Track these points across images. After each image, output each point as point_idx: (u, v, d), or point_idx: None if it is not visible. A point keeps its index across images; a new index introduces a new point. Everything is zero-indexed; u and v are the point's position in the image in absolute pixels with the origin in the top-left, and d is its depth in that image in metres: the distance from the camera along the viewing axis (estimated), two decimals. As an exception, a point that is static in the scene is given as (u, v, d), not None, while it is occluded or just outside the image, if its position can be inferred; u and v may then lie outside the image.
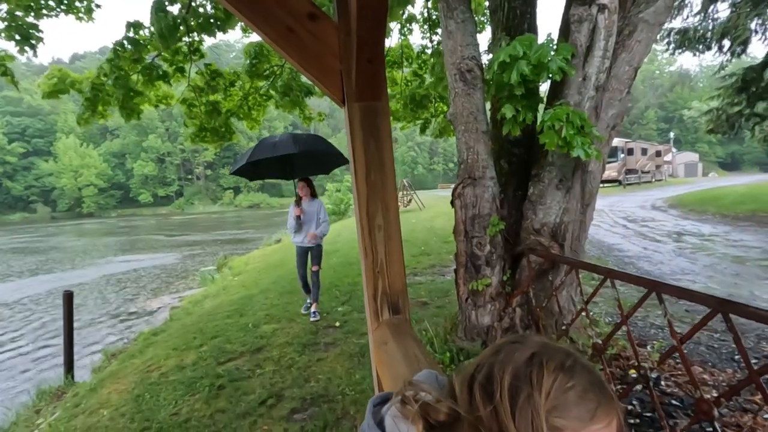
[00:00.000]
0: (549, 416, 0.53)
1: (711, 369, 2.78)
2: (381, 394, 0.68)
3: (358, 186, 1.49)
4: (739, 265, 6.03)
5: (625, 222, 11.08)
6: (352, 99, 1.46)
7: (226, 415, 2.98)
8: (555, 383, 0.54)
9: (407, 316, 1.57)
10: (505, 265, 3.38)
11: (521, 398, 0.53)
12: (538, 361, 0.56)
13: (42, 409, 3.91)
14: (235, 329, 4.74)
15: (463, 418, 0.55)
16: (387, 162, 1.49)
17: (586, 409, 0.54)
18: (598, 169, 3.35)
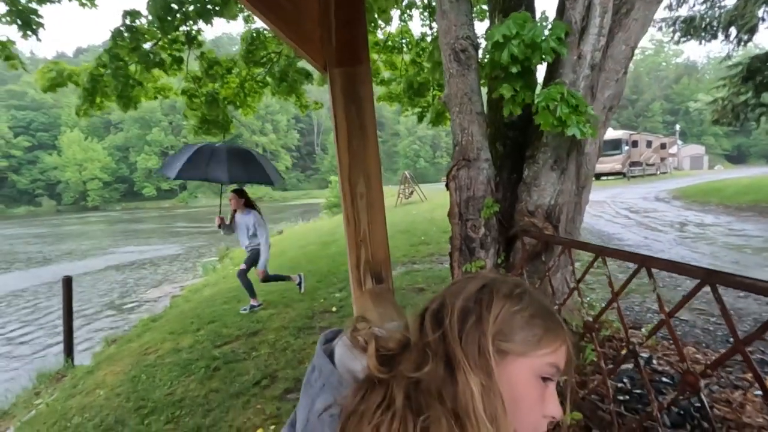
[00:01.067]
0: (495, 339, 0.53)
1: (704, 350, 2.77)
2: (332, 330, 0.68)
3: (340, 153, 1.48)
4: (739, 253, 5.98)
5: (627, 213, 11.01)
6: (333, 64, 1.45)
7: (220, 394, 3.00)
8: (503, 308, 0.54)
9: (390, 285, 1.56)
10: (499, 248, 3.36)
11: (469, 322, 0.53)
12: (488, 290, 0.56)
13: (41, 392, 3.95)
14: (232, 314, 4.77)
15: (412, 345, 0.55)
16: (369, 128, 1.48)
17: (532, 333, 0.54)
18: (594, 151, 3.32)
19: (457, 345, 0.51)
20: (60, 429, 2.80)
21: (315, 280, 6.06)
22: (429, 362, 0.51)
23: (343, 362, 0.58)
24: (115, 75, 5.34)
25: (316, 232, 13.23)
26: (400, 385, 0.51)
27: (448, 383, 0.49)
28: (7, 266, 14.43)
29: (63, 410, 3.09)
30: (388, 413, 0.49)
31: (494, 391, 0.49)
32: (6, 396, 4.11)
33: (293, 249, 9.93)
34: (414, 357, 0.53)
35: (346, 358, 0.58)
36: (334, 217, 19.82)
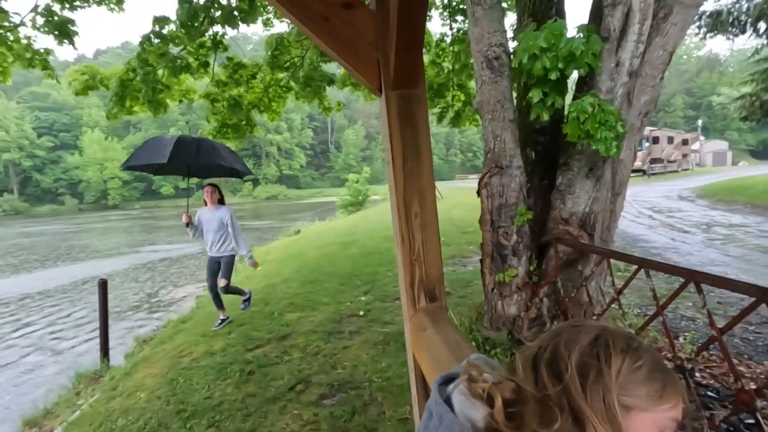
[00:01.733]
0: (619, 395, 0.54)
1: (747, 361, 2.72)
2: (444, 375, 0.70)
3: (395, 174, 1.50)
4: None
5: (651, 212, 10.81)
6: (390, 87, 1.46)
7: (257, 399, 3.06)
8: (623, 363, 0.55)
9: (443, 303, 1.58)
10: (531, 255, 3.35)
11: (591, 376, 0.54)
12: (604, 342, 0.57)
13: (81, 392, 4.08)
14: (260, 317, 4.85)
15: (529, 395, 0.56)
16: (423, 149, 1.49)
17: (654, 388, 0.55)
18: (629, 158, 3.28)
19: (583, 400, 0.52)
20: (106, 430, 2.90)
21: (338, 283, 6.11)
22: (557, 418, 0.52)
23: (463, 411, 0.60)
24: (144, 80, 5.47)
25: (334, 232, 13.30)
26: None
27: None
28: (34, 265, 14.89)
29: (106, 412, 3.19)
30: None
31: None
32: (47, 395, 4.26)
33: (312, 249, 10.01)
34: (537, 410, 0.54)
35: (465, 407, 0.60)
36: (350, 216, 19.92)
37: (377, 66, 1.48)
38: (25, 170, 58.34)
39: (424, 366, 1.38)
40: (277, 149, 69.50)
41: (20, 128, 57.19)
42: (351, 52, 1.48)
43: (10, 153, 55.70)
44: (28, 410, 3.89)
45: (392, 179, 1.52)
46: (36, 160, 58.77)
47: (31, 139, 58.22)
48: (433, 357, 1.25)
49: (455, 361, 1.22)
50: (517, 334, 3.26)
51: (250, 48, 74.96)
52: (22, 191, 58.57)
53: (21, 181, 58.84)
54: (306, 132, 74.10)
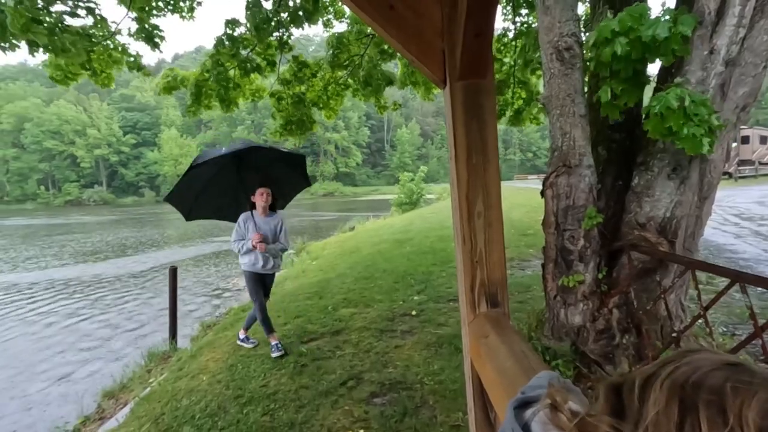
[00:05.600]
0: None
1: None
2: (520, 397, 0.62)
3: (458, 170, 1.42)
4: None
5: (738, 219, 9.70)
6: (455, 78, 1.39)
7: (310, 391, 3.11)
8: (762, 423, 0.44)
9: (506, 310, 1.47)
10: (600, 262, 3.09)
11: None
12: (741, 396, 0.45)
13: (152, 370, 4.41)
14: (315, 311, 4.95)
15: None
16: (490, 144, 1.40)
17: None
18: (720, 158, 2.92)
19: None
20: (172, 409, 3.09)
21: (392, 281, 6.09)
22: None
23: None
24: (217, 80, 5.80)
25: (388, 229, 13.35)
26: None
27: None
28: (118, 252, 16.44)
29: (173, 391, 3.41)
30: None
31: None
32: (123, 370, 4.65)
33: (367, 246, 10.10)
34: None
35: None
36: (405, 214, 19.91)
37: (442, 55, 1.41)
38: (112, 165, 64.84)
39: (484, 375, 1.29)
40: (335, 147, 71.32)
41: (109, 127, 63.72)
42: (415, 42, 1.42)
43: (100, 149, 62.23)
44: (108, 383, 4.29)
45: (455, 175, 1.44)
46: (121, 156, 65.15)
47: (118, 136, 64.66)
48: (496, 367, 1.17)
49: (522, 374, 1.12)
50: (581, 346, 3.03)
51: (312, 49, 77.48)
52: (110, 184, 65.15)
53: (109, 175, 65.47)
54: (363, 130, 75.28)
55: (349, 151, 72.75)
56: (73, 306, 8.66)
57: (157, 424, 2.90)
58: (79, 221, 32.64)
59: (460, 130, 1.40)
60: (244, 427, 2.73)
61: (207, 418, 2.88)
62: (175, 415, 2.97)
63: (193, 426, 2.81)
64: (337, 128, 69.22)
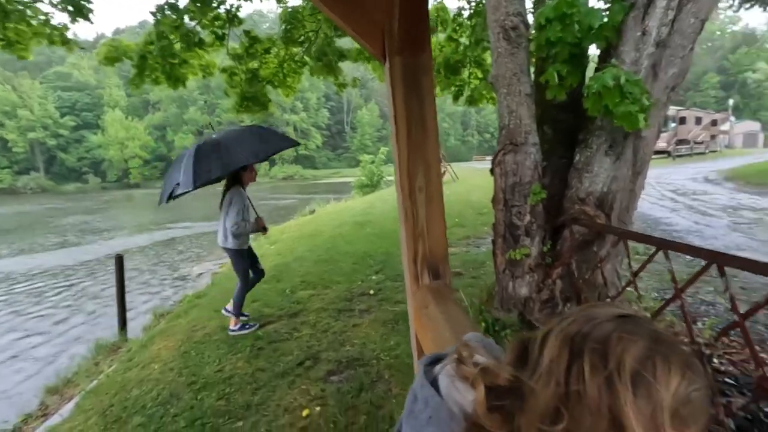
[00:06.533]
0: (669, 415, 0.48)
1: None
2: (431, 355, 0.65)
3: (398, 145, 1.43)
4: (803, 241, 5.58)
5: (674, 195, 10.45)
6: (394, 53, 1.38)
7: (266, 373, 3.11)
8: (681, 384, 0.48)
9: (448, 281, 1.52)
10: (545, 236, 3.25)
11: (644, 389, 0.46)
12: (663, 354, 0.49)
13: (100, 362, 4.22)
14: (273, 294, 4.90)
15: (544, 387, 0.50)
16: (429, 120, 1.42)
17: (697, 411, 0.49)
18: (652, 135, 3.12)
19: (631, 409, 0.46)
20: (121, 400, 2.99)
21: (352, 262, 6.12)
22: (585, 416, 0.46)
23: (450, 395, 0.55)
24: (161, 54, 5.45)
25: (349, 212, 13.31)
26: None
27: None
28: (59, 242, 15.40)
29: (122, 382, 3.29)
30: None
31: None
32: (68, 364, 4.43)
33: (327, 229, 10.04)
34: (547, 405, 0.48)
35: (453, 390, 0.55)
36: (366, 197, 19.88)
37: (382, 31, 1.40)
38: (50, 149, 59.88)
39: (425, 345, 1.34)
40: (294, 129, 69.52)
41: (44, 108, 58.43)
42: (356, 17, 1.40)
43: (35, 132, 57.11)
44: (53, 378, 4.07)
45: (396, 151, 1.46)
46: (60, 140, 60.19)
47: (55, 118, 59.53)
48: (435, 336, 1.21)
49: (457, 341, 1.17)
50: (528, 315, 3.20)
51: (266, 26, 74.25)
52: (48, 170, 60.30)
53: (47, 160, 60.49)
54: (322, 112, 73.76)
55: (308, 133, 71.17)
56: (10, 300, 8.08)
57: (104, 417, 2.80)
58: (18, 210, 30.17)
59: (400, 105, 1.41)
60: (198, 413, 2.69)
61: (159, 407, 2.82)
62: (125, 406, 2.88)
63: (143, 416, 2.74)
64: (296, 109, 67.41)
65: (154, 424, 2.63)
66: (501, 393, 0.52)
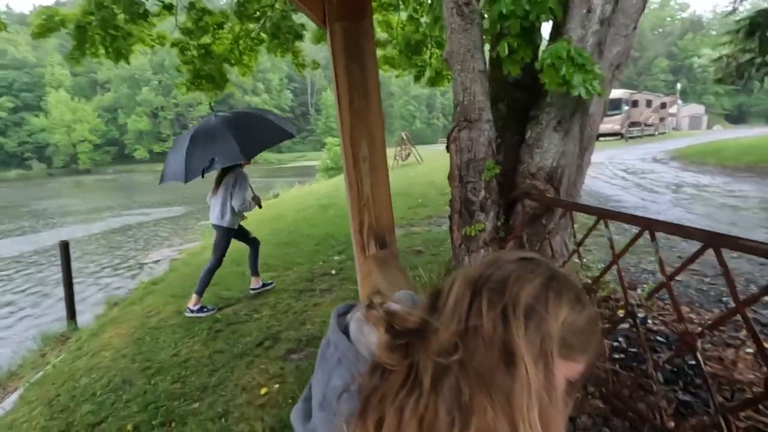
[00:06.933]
0: (558, 343, 0.51)
1: (698, 309, 2.84)
2: (345, 304, 0.66)
3: (341, 114, 1.42)
4: (736, 214, 6.03)
5: (624, 174, 10.99)
6: (334, 18, 1.36)
7: (224, 355, 3.07)
8: (569, 315, 0.52)
9: (394, 249, 1.54)
10: (499, 211, 3.34)
11: (534, 320, 0.50)
12: (556, 288, 0.53)
13: (47, 353, 4.03)
14: (232, 277, 4.81)
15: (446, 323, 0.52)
16: (371, 87, 1.41)
17: (584, 342, 0.54)
18: (598, 112, 3.24)
19: (523, 341, 0.48)
20: (68, 389, 2.87)
21: (314, 244, 6.09)
22: (480, 348, 0.48)
23: (358, 338, 0.56)
24: (102, 25, 5.07)
25: (313, 195, 13.16)
26: (427, 366, 0.49)
27: (502, 377, 0.46)
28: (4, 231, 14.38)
29: (70, 371, 3.16)
30: (413, 395, 0.48)
31: (553, 396, 0.48)
32: (13, 357, 4.19)
33: (290, 212, 9.91)
34: (449, 339, 0.50)
35: (361, 333, 0.56)
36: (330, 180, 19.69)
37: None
38: (-14, 133, 55.21)
39: (369, 311, 1.36)
40: (256, 112, 67.32)
41: (-24, 87, 53.55)
42: (292, -21, 1.35)
43: (-33, 114, 52.39)
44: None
45: (339, 120, 1.44)
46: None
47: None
48: (375, 301, 1.23)
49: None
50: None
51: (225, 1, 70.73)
52: (-15, 155, 55.69)
53: (-17, 145, 55.79)
54: (285, 94, 71.72)
55: (271, 115, 69.15)
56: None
57: (50, 407, 2.69)
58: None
59: (341, 72, 1.39)
60: (152, 397, 2.63)
61: (110, 393, 2.73)
62: (73, 395, 2.78)
63: (93, 403, 2.65)
64: (257, 91, 65.20)
65: (104, 411, 2.55)
66: (405, 334, 0.54)
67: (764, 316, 2.73)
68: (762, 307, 2.87)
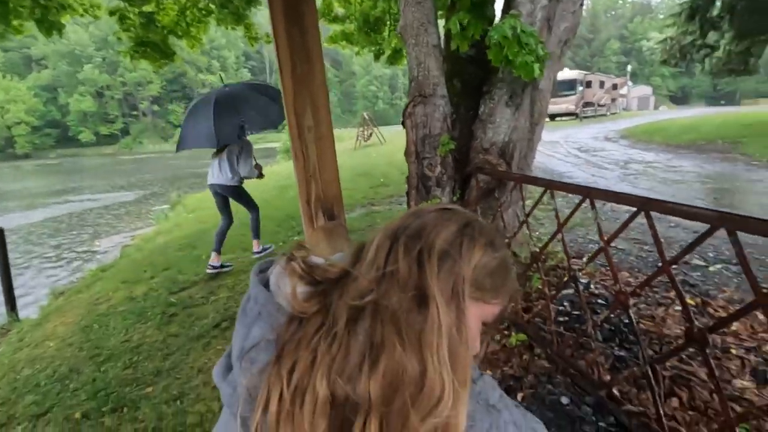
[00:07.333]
0: (470, 285, 0.52)
1: (636, 273, 3.04)
2: (266, 260, 0.65)
3: (283, 81, 1.37)
4: (675, 187, 6.45)
5: (578, 152, 11.45)
6: (272, -21, 1.30)
7: (180, 338, 2.99)
8: (482, 257, 0.54)
9: (343, 221, 1.54)
10: (455, 186, 3.40)
11: (448, 262, 0.51)
12: (470, 232, 0.55)
13: (-15, 347, 3.78)
14: (187, 261, 4.66)
15: (367, 268, 0.53)
16: (314, 54, 1.37)
17: (497, 283, 0.56)
18: (548, 87, 3.32)
19: (434, 282, 0.49)
20: (9, 382, 2.71)
21: (275, 225, 5.99)
22: (395, 291, 0.49)
23: (277, 290, 0.56)
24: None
25: (273, 177, 12.85)
26: (342, 310, 0.49)
27: (414, 316, 0.47)
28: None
29: (11, 363, 2.98)
30: (327, 339, 0.48)
31: (463, 334, 0.49)
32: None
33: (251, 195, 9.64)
34: (367, 285, 0.50)
35: (281, 284, 0.56)
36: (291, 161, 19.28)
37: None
38: None
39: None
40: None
41: None
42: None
43: None
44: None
45: (282, 88, 1.40)
46: None
47: None
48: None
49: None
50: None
51: (171, -27, 66.07)
52: None
53: None
54: (242, 72, 68.78)
55: (228, 95, 66.23)
56: None
57: (-12, 400, 2.54)
58: None
59: (282, 37, 1.34)
60: (101, 384, 2.54)
61: (55, 383, 2.61)
62: (14, 387, 2.63)
63: (37, 394, 2.52)
64: (212, 69, 62.11)
65: (49, 401, 2.44)
66: (325, 284, 0.54)
67: (693, 277, 2.96)
68: (691, 270, 3.11)
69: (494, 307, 0.57)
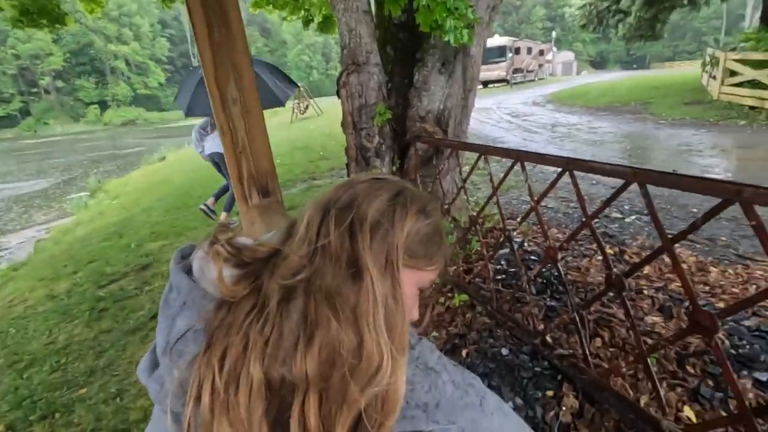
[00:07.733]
0: (403, 254, 0.51)
1: (564, 230, 3.28)
2: (188, 245, 0.61)
3: (201, 49, 1.26)
4: (595, 147, 6.96)
5: (510, 117, 11.91)
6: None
7: (113, 334, 2.80)
8: (414, 225, 0.53)
9: (279, 197, 1.48)
10: (394, 155, 3.41)
11: (380, 231, 0.50)
12: (402, 200, 0.54)
13: None
14: (114, 251, 4.31)
15: (299, 243, 0.51)
16: (233, 17, 1.26)
17: (430, 250, 0.56)
18: (478, 53, 3.37)
19: (368, 253, 0.48)
20: None
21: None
22: (328, 265, 0.48)
23: (202, 276, 0.52)
24: None
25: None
26: (274, 291, 0.47)
27: (348, 289, 0.47)
28: None
29: None
30: (259, 321, 0.46)
31: (399, 303, 0.49)
32: None
33: (179, 176, 9.05)
34: (299, 262, 0.49)
35: (206, 270, 0.52)
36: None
37: None
38: None
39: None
40: (126, 63, 58.20)
41: None
42: None
43: None
44: None
45: (200, 57, 1.28)
46: None
47: None
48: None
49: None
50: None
51: (62, -75, 57.52)
52: None
53: None
54: (160, 42, 62.78)
55: (146, 68, 60.31)
56: None
57: None
58: None
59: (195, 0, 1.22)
60: (25, 392, 2.32)
61: (-31, 398, 2.35)
62: None
63: (-53, 411, 2.26)
64: (124, 38, 56.02)
65: (-36, 418, 2.20)
66: (254, 265, 0.52)
67: (611, 229, 3.26)
68: (610, 222, 3.42)
69: (429, 273, 0.58)
